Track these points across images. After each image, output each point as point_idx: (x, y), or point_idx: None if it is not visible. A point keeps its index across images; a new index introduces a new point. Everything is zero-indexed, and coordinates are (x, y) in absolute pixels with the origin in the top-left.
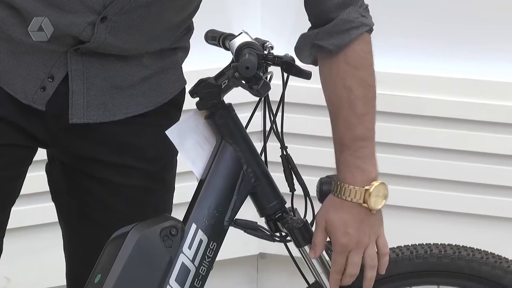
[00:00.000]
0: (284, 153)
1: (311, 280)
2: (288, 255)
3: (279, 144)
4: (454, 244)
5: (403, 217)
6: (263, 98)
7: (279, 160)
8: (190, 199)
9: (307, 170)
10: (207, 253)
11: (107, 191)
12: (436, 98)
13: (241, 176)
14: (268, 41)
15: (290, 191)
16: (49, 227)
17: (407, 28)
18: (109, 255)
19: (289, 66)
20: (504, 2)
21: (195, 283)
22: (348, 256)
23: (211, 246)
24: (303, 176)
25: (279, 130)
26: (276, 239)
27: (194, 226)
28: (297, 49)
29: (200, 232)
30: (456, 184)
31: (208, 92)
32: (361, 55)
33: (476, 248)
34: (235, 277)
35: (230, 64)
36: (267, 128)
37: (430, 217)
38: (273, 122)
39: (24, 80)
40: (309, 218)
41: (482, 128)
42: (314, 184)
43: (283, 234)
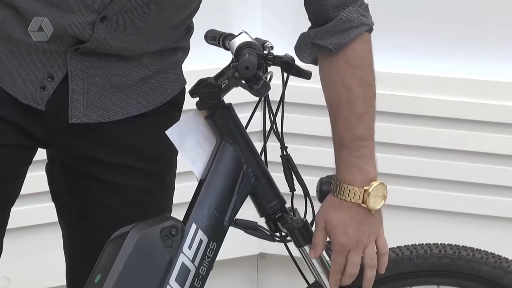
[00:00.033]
0: (284, 153)
1: (311, 280)
2: (288, 255)
3: (279, 144)
4: (454, 244)
5: (403, 217)
6: (263, 98)
7: (279, 160)
8: (190, 199)
9: (307, 170)
10: (207, 253)
11: (107, 191)
12: (436, 98)
13: (241, 176)
14: (268, 41)
15: (290, 191)
16: (49, 227)
17: (407, 28)
18: (109, 255)
19: (289, 66)
20: (504, 2)
21: (195, 283)
22: (348, 256)
23: (211, 246)
24: (303, 176)
25: (279, 130)
26: (276, 239)
27: (194, 226)
28: (297, 48)
29: (200, 232)
30: (456, 184)
31: (208, 92)
32: (361, 54)
33: (476, 248)
34: (235, 277)
35: (230, 64)
36: (267, 128)
37: (430, 217)
38: (273, 122)
39: (23, 80)
40: (309, 218)
41: (482, 128)
42: (314, 184)
43: (283, 234)
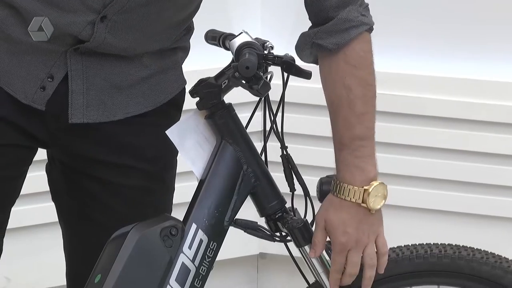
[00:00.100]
0: (284, 153)
1: (311, 280)
2: (288, 255)
3: (279, 144)
4: (454, 244)
5: (403, 217)
6: (263, 98)
7: (279, 160)
8: (190, 199)
9: (307, 170)
10: (207, 253)
11: (107, 191)
12: (436, 98)
13: (241, 176)
14: (268, 41)
15: (290, 191)
16: (49, 227)
17: (407, 28)
18: (109, 255)
19: (289, 66)
20: (504, 2)
21: (195, 283)
22: (348, 256)
23: (211, 246)
24: (303, 176)
25: (279, 130)
26: (276, 239)
27: (194, 226)
28: (297, 48)
29: (200, 232)
30: (456, 184)
31: (208, 92)
32: (360, 54)
33: (476, 248)
34: (235, 277)
35: (230, 64)
36: (267, 128)
37: (430, 217)
38: (273, 122)
39: (23, 80)
40: (309, 218)
41: (482, 128)
42: (314, 184)
43: (283, 234)
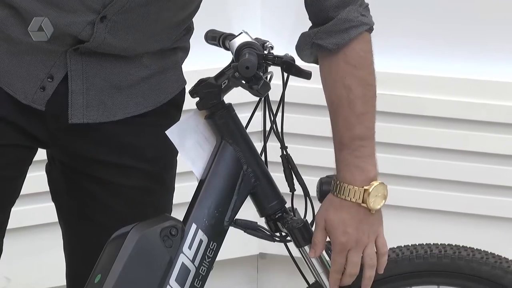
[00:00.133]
0: (284, 153)
1: (311, 280)
2: (288, 255)
3: (279, 144)
4: (454, 244)
5: (403, 217)
6: (263, 98)
7: (279, 160)
8: (190, 199)
9: (307, 170)
10: (207, 253)
11: (107, 191)
12: (436, 98)
13: (241, 176)
14: (268, 41)
15: (290, 191)
16: (49, 228)
17: (407, 28)
18: (109, 255)
19: (289, 66)
20: (504, 2)
21: (195, 283)
22: (348, 256)
23: (211, 246)
24: (303, 176)
25: (279, 130)
26: (276, 239)
27: (194, 226)
28: (297, 48)
29: (200, 232)
30: (456, 184)
31: (208, 92)
32: (360, 54)
33: (476, 248)
34: (235, 277)
35: (230, 64)
36: (267, 128)
37: (430, 217)
38: (273, 122)
39: (23, 80)
40: (309, 218)
41: (482, 128)
42: (314, 184)
43: (283, 234)
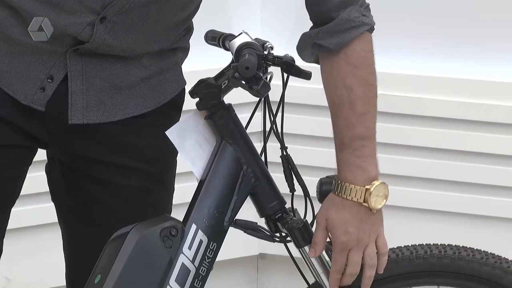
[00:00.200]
0: (284, 153)
1: (311, 280)
2: (288, 255)
3: (279, 145)
4: (454, 245)
5: (403, 217)
6: (263, 99)
7: (279, 160)
8: (190, 200)
9: (307, 170)
10: (207, 253)
11: (107, 191)
12: (436, 98)
13: (241, 176)
14: (268, 41)
15: (290, 192)
16: (49, 228)
17: (407, 28)
18: (109, 256)
19: (289, 67)
20: (504, 2)
21: (195, 284)
22: (348, 255)
23: (211, 246)
24: (303, 177)
25: (279, 131)
26: (276, 239)
27: (194, 227)
28: (298, 48)
29: (200, 232)
30: (456, 184)
31: (208, 93)
32: (361, 54)
33: (476, 249)
34: (235, 277)
35: (230, 64)
36: (267, 129)
37: (430, 217)
38: (273, 123)
39: (23, 81)
40: (309, 219)
41: (482, 128)
42: (314, 184)
43: (283, 234)
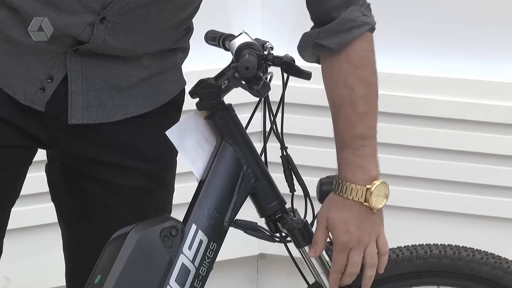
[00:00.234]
0: (284, 153)
1: (311, 280)
2: (288, 255)
3: (279, 145)
4: (454, 245)
5: (403, 217)
6: (263, 99)
7: (279, 160)
8: (190, 200)
9: (307, 170)
10: (207, 253)
11: (107, 191)
12: (436, 98)
13: (241, 176)
14: (268, 41)
15: (290, 192)
16: (49, 228)
17: (407, 28)
18: (109, 256)
19: (289, 67)
20: (504, 2)
21: (195, 284)
22: (349, 255)
23: (211, 246)
24: (303, 177)
25: (279, 131)
26: (276, 239)
27: (194, 227)
28: (299, 48)
29: (200, 232)
30: (456, 184)
31: (208, 93)
32: (362, 54)
33: (476, 249)
34: (235, 277)
35: (230, 64)
36: (267, 129)
37: (430, 217)
38: (273, 123)
39: (23, 81)
40: (309, 219)
41: (482, 128)
42: (314, 184)
43: (283, 234)
